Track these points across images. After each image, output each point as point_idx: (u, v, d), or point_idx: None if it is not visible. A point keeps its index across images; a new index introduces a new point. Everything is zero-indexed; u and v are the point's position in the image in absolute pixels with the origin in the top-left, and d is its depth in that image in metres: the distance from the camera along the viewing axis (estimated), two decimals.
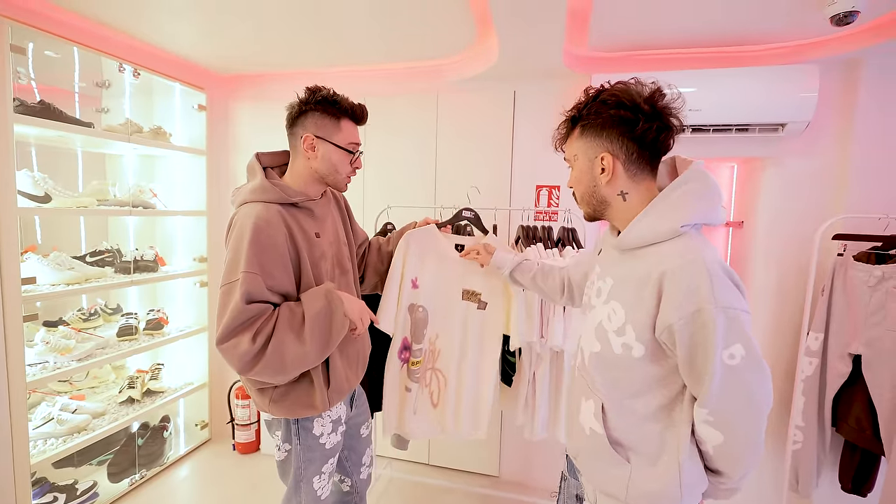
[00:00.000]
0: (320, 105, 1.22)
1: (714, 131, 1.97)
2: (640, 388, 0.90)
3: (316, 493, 1.33)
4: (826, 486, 1.95)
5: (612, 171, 0.90)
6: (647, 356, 0.86)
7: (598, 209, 0.97)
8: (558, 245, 1.89)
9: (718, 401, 0.81)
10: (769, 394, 0.82)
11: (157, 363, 2.57)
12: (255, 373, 1.08)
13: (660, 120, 0.86)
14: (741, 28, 1.79)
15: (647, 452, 0.90)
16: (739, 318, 0.79)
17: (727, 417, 0.82)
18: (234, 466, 2.54)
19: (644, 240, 0.88)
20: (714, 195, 0.88)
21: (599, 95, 0.90)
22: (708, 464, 0.89)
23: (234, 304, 1.06)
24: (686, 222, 0.85)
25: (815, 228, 1.88)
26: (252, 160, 1.29)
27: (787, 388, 2.08)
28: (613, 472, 0.92)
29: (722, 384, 0.80)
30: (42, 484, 1.94)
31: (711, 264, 0.80)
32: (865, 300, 1.73)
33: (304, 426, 1.28)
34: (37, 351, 1.94)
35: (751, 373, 0.80)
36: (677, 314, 0.80)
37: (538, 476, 2.43)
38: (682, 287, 0.80)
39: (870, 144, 1.89)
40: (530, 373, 1.82)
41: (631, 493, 0.90)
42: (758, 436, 0.83)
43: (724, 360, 0.79)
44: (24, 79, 1.96)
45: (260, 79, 2.64)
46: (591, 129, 0.91)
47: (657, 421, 0.89)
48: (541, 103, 2.27)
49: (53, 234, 2.27)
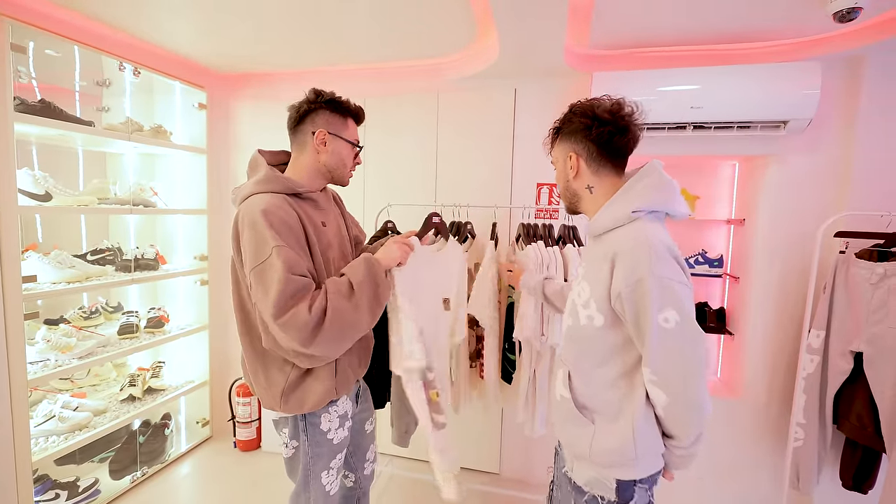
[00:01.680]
0: (329, 105, 1.29)
1: (716, 129, 1.96)
2: (603, 356, 1.04)
3: (324, 488, 1.34)
4: (827, 483, 1.95)
5: (577, 168, 1.09)
6: (607, 325, 1.01)
7: (572, 201, 1.15)
8: (559, 243, 1.89)
9: (658, 360, 0.94)
10: (703, 356, 0.95)
11: (158, 361, 2.57)
12: (316, 344, 1.09)
13: (614, 125, 1.04)
14: (743, 25, 1.78)
15: (609, 414, 1.04)
16: (673, 287, 0.93)
17: (667, 377, 0.95)
18: (236, 464, 2.55)
19: (606, 226, 1.05)
20: (667, 187, 1.04)
21: (573, 109, 1.11)
22: (663, 429, 1.02)
23: (280, 277, 1.06)
24: (636, 208, 1.00)
25: (817, 226, 1.87)
26: (255, 155, 1.31)
27: (789, 386, 2.07)
28: (579, 432, 1.06)
29: (659, 344, 0.93)
30: (44, 481, 1.94)
31: (654, 243, 0.95)
32: (867, 297, 1.73)
33: (312, 422, 1.29)
34: (38, 349, 1.94)
35: (684, 336, 0.93)
36: (624, 283, 0.95)
37: (538, 473, 2.43)
38: (629, 261, 0.96)
39: (872, 141, 1.89)
40: (530, 370, 1.82)
41: (594, 449, 1.03)
42: (697, 396, 0.95)
43: (659, 322, 0.92)
44: (24, 77, 1.96)
45: (260, 77, 2.64)
46: (565, 135, 1.12)
47: (618, 388, 1.03)
48: (542, 101, 2.27)
49: (54, 232, 2.27)
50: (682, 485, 2.27)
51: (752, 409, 2.16)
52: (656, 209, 1.02)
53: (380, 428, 2.51)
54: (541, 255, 1.78)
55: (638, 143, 1.08)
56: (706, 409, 0.96)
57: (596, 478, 1.06)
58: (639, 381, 1.01)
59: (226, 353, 2.84)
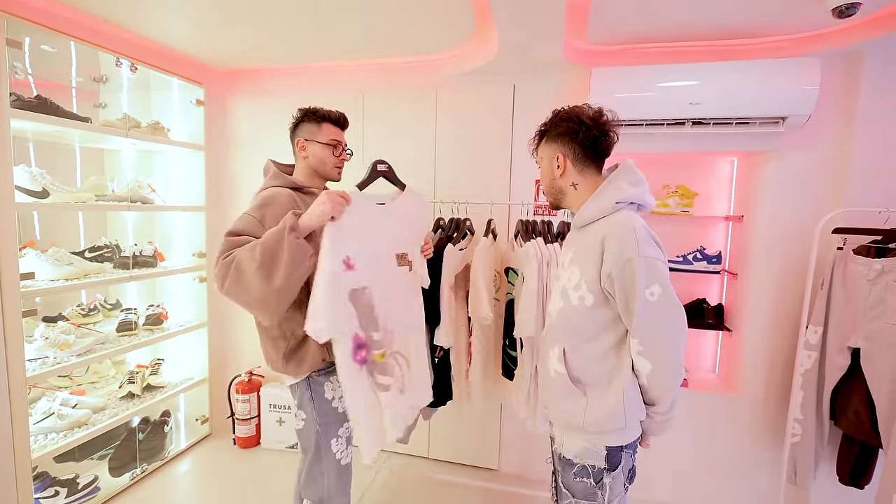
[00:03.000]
0: (306, 116, 1.52)
1: (714, 125, 1.96)
2: (593, 332, 1.15)
3: (335, 456, 1.46)
4: (824, 478, 1.96)
5: (564, 167, 1.22)
6: (597, 304, 1.13)
7: (557, 198, 1.28)
8: (558, 239, 1.89)
9: (645, 331, 1.07)
10: (683, 327, 1.09)
11: (156, 358, 2.57)
12: (225, 288, 1.22)
13: (597, 130, 1.18)
14: (742, 21, 1.78)
15: (600, 385, 1.15)
16: (656, 265, 1.06)
17: (653, 346, 1.07)
18: (235, 461, 2.55)
19: (592, 217, 1.18)
20: (642, 183, 1.18)
21: (559, 114, 1.23)
22: (644, 396, 1.13)
23: (223, 239, 1.27)
24: (619, 200, 1.15)
25: (815, 222, 1.88)
26: (267, 163, 1.54)
27: (786, 382, 2.08)
28: (573, 404, 1.16)
29: (646, 316, 1.06)
30: (43, 478, 1.94)
31: (639, 228, 1.09)
32: (865, 294, 1.73)
33: (317, 391, 1.44)
34: (36, 346, 1.94)
35: (667, 308, 1.06)
36: (614, 264, 1.08)
37: (537, 469, 2.44)
38: (617, 244, 1.08)
39: (871, 138, 1.89)
40: (532, 367, 1.82)
41: (587, 419, 1.14)
42: (677, 362, 1.09)
43: (646, 297, 1.05)
44: (20, 73, 1.94)
45: (258, 73, 2.63)
46: (551, 137, 1.24)
47: (608, 360, 1.15)
48: (541, 97, 2.26)
49: (52, 229, 2.27)
50: (681, 479, 2.28)
51: (749, 404, 2.17)
52: (634, 201, 1.17)
53: None
54: (541, 252, 1.78)
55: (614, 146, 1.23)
56: (682, 374, 1.11)
57: (586, 447, 1.16)
58: (625, 354, 1.13)
59: (224, 350, 2.84)
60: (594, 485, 1.15)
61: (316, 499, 1.46)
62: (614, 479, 1.14)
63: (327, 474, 1.45)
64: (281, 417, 2.64)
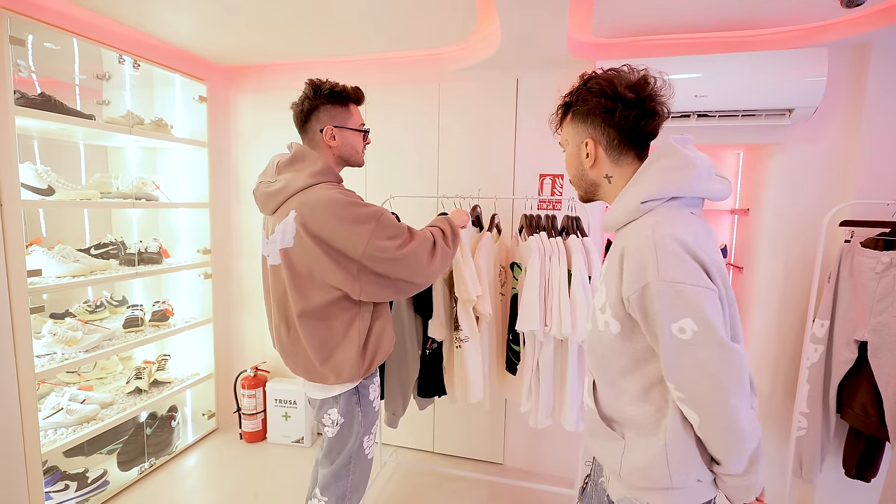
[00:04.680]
0: (329, 97, 1.34)
1: (720, 117, 1.94)
2: (626, 365, 0.90)
3: (364, 451, 1.46)
4: (830, 471, 1.95)
5: (595, 157, 0.95)
6: (624, 332, 0.88)
7: (588, 191, 1.01)
8: (562, 234, 1.89)
9: (678, 375, 0.81)
10: (736, 374, 0.79)
11: (163, 354, 2.59)
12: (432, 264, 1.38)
13: (640, 108, 0.89)
14: (748, 11, 1.75)
15: (642, 430, 0.89)
16: (685, 292, 0.78)
17: (693, 395, 0.81)
18: (241, 455, 2.58)
19: (619, 221, 0.92)
20: (686, 167, 0.87)
21: (588, 83, 0.93)
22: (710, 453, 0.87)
23: (395, 223, 1.32)
24: (646, 198, 0.87)
25: (822, 215, 1.86)
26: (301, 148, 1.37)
27: (793, 375, 2.07)
28: (610, 446, 0.94)
29: (677, 357, 0.80)
30: (53, 472, 1.97)
31: (661, 238, 0.80)
32: (872, 287, 1.72)
33: (363, 393, 1.43)
34: (44, 342, 1.96)
35: (707, 349, 0.78)
36: (631, 289, 0.83)
37: (542, 463, 2.45)
38: (634, 262, 0.83)
39: (878, 129, 1.87)
40: (534, 361, 1.82)
41: (624, 467, 0.91)
42: (731, 418, 0.79)
43: (673, 333, 0.79)
44: (24, 71, 1.95)
45: (260, 69, 2.63)
46: (579, 115, 0.95)
47: (650, 402, 0.89)
48: (544, 91, 2.25)
49: (57, 226, 2.28)
50: None
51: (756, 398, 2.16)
52: (676, 195, 0.87)
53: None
54: (543, 247, 1.78)
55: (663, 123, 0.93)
56: (746, 432, 0.80)
57: (628, 498, 0.93)
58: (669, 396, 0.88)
59: (230, 345, 2.86)
60: None
61: (339, 493, 1.43)
62: None
63: (353, 471, 1.44)
64: (287, 412, 2.65)
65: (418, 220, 2.29)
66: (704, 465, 0.87)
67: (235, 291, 2.84)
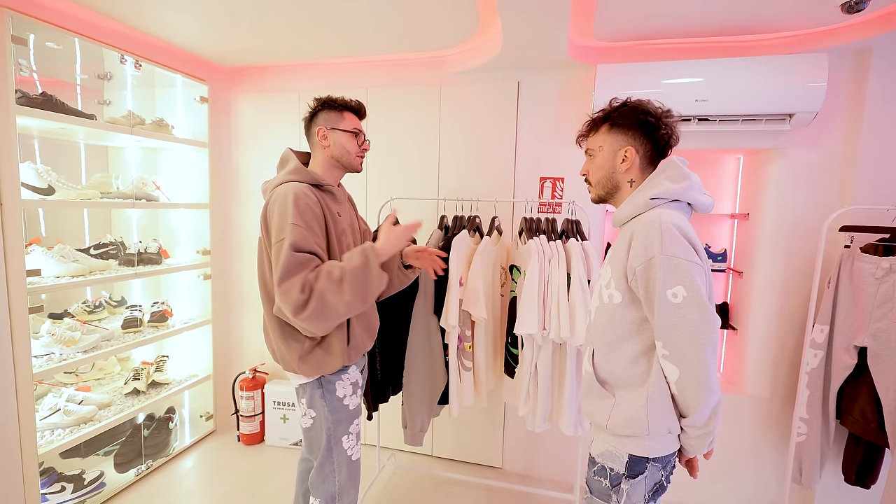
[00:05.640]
0: (326, 105, 1.48)
1: (721, 122, 1.94)
2: (622, 332, 1.10)
3: (346, 452, 1.46)
4: (829, 477, 1.95)
5: (632, 163, 1.14)
6: (625, 302, 1.09)
7: (609, 192, 1.20)
8: (562, 237, 1.89)
9: (667, 333, 1.01)
10: (713, 334, 1.00)
11: (161, 355, 2.59)
12: (301, 319, 1.25)
13: (668, 129, 1.14)
14: (748, 17, 1.76)
15: (629, 388, 1.10)
16: (681, 265, 1.00)
17: (677, 350, 1.00)
18: (239, 457, 2.57)
19: (627, 215, 1.14)
20: (685, 179, 1.11)
21: (626, 105, 1.16)
22: (677, 408, 1.06)
23: (285, 253, 1.25)
24: (654, 196, 1.09)
25: (822, 220, 1.86)
26: (286, 152, 1.50)
27: (792, 381, 2.07)
28: (601, 404, 1.13)
29: (668, 318, 1.00)
30: (50, 474, 1.96)
31: (666, 224, 1.02)
32: (872, 292, 1.72)
33: (329, 388, 1.43)
34: (43, 342, 1.95)
35: (693, 312, 0.99)
36: (638, 261, 1.04)
37: (540, 467, 2.44)
38: (642, 241, 1.04)
39: (878, 135, 1.87)
40: (532, 364, 1.82)
41: (611, 420, 1.10)
42: (706, 373, 0.99)
43: (668, 297, 1.00)
44: (25, 70, 1.95)
45: (262, 70, 2.63)
46: (620, 127, 1.15)
47: (638, 364, 1.09)
48: (545, 94, 2.25)
49: (57, 226, 2.28)
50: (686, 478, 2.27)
51: (755, 404, 2.16)
52: (675, 198, 1.09)
53: (385, 421, 2.53)
54: (543, 250, 1.78)
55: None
56: (713, 385, 1.00)
57: (609, 450, 1.12)
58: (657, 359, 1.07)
59: (229, 347, 2.85)
60: (609, 487, 1.12)
61: (328, 496, 1.45)
62: (633, 486, 1.09)
63: (338, 472, 1.45)
64: (285, 414, 2.65)
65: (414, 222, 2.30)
66: (675, 418, 1.06)
67: (235, 293, 2.84)
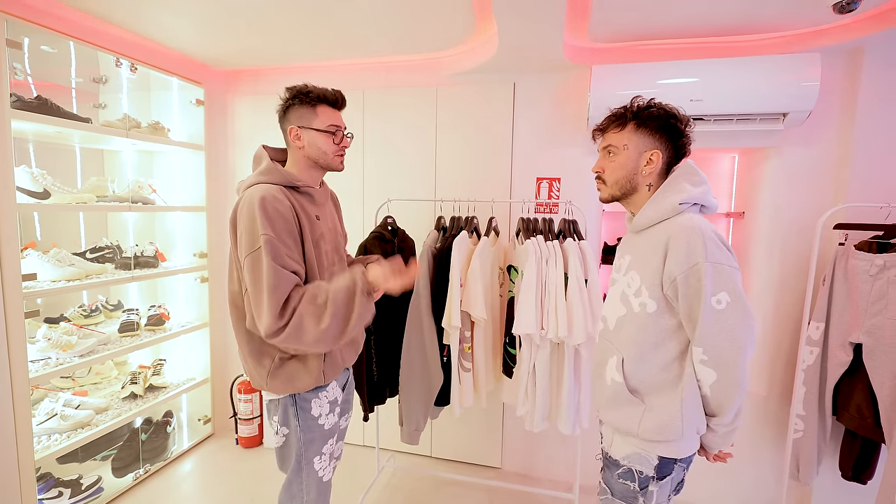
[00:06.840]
0: (297, 98, 1.31)
1: (715, 121, 1.96)
2: (656, 340, 1.09)
3: (317, 473, 1.36)
4: (826, 473, 1.96)
5: (656, 167, 1.12)
6: (660, 310, 1.08)
7: (625, 194, 1.17)
8: (559, 237, 1.89)
9: (709, 340, 1.01)
10: (751, 336, 1.02)
11: (158, 359, 2.57)
12: (277, 341, 1.16)
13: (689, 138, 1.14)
14: (742, 17, 1.77)
15: (660, 393, 1.09)
16: (725, 271, 1.00)
17: (718, 355, 1.01)
18: (238, 461, 2.56)
19: (652, 219, 1.11)
20: (704, 182, 1.11)
21: (652, 105, 1.14)
22: (706, 408, 1.08)
23: (268, 267, 1.14)
24: (683, 201, 1.08)
25: (817, 218, 1.88)
26: (259, 150, 1.37)
27: (789, 378, 2.08)
28: (630, 411, 1.11)
29: (711, 325, 1.00)
30: (47, 479, 1.95)
31: (706, 231, 1.03)
32: (867, 289, 1.73)
33: (303, 406, 1.31)
34: (39, 347, 1.94)
35: (736, 317, 1.00)
36: (679, 269, 1.02)
37: (540, 467, 2.44)
38: (682, 248, 1.02)
39: (871, 133, 1.89)
40: (530, 364, 1.82)
41: (643, 426, 1.09)
42: (742, 374, 1.02)
43: (712, 304, 1.00)
44: (20, 74, 1.94)
45: (258, 73, 2.63)
46: (648, 128, 1.12)
47: (671, 370, 1.09)
48: (541, 95, 2.26)
49: (53, 230, 2.27)
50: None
51: (752, 401, 2.17)
52: (698, 202, 1.10)
53: (385, 423, 2.53)
54: (540, 250, 1.78)
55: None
56: (745, 386, 1.04)
57: (637, 453, 1.11)
58: (688, 363, 1.07)
59: (226, 350, 2.84)
60: (637, 490, 1.11)
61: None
62: (660, 488, 1.10)
63: (307, 492, 1.37)
64: None
65: (415, 223, 2.31)
66: (703, 419, 1.09)
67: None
